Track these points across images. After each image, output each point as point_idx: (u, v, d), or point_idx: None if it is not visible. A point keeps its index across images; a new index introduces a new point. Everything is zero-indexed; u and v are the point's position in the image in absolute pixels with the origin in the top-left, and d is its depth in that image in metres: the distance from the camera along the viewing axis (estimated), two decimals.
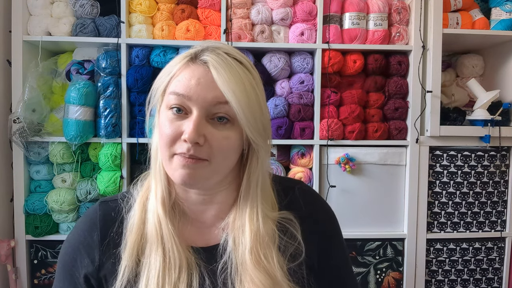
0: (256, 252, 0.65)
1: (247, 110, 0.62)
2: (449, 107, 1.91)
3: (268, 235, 0.66)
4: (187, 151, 0.61)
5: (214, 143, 0.62)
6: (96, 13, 1.70)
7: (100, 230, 0.69)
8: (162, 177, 0.68)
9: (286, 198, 0.74)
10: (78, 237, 0.71)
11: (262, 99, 0.66)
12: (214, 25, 1.73)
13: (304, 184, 0.80)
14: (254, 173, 0.68)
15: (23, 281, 1.68)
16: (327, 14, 1.74)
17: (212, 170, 0.64)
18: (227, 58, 0.63)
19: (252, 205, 0.68)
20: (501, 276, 1.86)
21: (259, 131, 0.65)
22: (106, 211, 0.72)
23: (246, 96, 0.62)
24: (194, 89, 0.61)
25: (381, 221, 1.80)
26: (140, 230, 0.68)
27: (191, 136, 0.60)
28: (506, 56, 1.90)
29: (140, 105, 1.71)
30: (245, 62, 0.66)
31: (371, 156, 1.77)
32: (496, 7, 1.85)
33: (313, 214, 0.74)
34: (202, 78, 0.62)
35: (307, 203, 0.75)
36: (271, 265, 0.65)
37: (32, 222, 1.66)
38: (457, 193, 1.81)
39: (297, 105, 1.74)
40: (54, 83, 1.75)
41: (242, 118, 0.62)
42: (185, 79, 0.62)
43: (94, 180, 1.69)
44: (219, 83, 0.61)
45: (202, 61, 0.63)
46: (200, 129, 0.61)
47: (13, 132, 1.60)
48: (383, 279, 1.80)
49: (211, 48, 0.65)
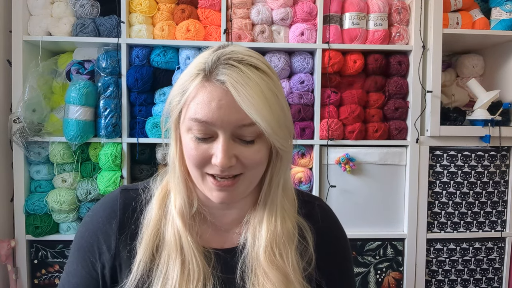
0: (271, 250, 0.65)
1: (274, 125, 0.59)
2: (449, 107, 1.91)
3: (285, 234, 0.66)
4: (221, 172, 0.60)
5: (247, 160, 0.61)
6: (96, 13, 1.70)
7: (120, 219, 0.69)
8: (181, 191, 0.67)
9: (305, 210, 0.74)
10: (97, 223, 0.70)
11: (283, 100, 0.63)
12: (214, 25, 1.73)
13: (323, 202, 0.80)
14: (276, 175, 0.67)
15: (23, 281, 1.68)
16: (327, 14, 1.74)
17: (248, 183, 0.64)
18: (243, 70, 0.59)
19: (272, 205, 0.68)
20: (501, 276, 1.86)
21: (286, 137, 0.63)
22: (127, 199, 0.71)
23: (270, 110, 0.58)
24: (217, 113, 0.58)
25: (381, 221, 1.80)
26: (157, 227, 0.67)
27: (222, 162, 0.58)
28: (506, 56, 1.90)
29: (140, 105, 1.71)
30: (261, 65, 0.61)
31: (371, 156, 1.77)
32: (496, 7, 1.85)
33: (329, 231, 0.75)
34: (222, 100, 0.58)
35: (325, 219, 0.75)
36: (285, 264, 0.65)
37: (32, 222, 1.66)
38: (457, 193, 1.81)
39: (297, 105, 1.74)
40: (54, 83, 1.75)
41: (270, 134, 0.59)
42: (205, 103, 0.58)
43: (94, 180, 1.70)
44: (242, 105, 0.57)
45: (220, 81, 0.58)
46: (230, 152, 0.59)
47: (13, 132, 1.60)
48: (383, 279, 1.80)
49: (223, 60, 0.59)
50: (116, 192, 0.72)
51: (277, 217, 0.67)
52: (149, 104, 1.73)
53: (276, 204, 0.67)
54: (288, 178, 0.70)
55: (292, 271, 0.65)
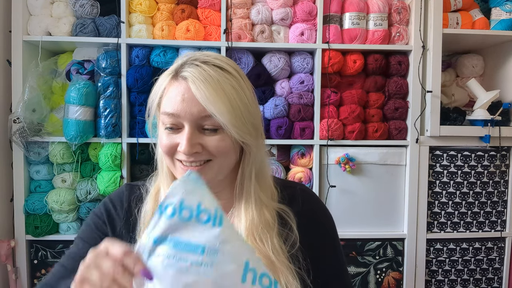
0: (252, 237, 0.70)
1: (231, 118, 0.65)
2: (449, 107, 1.91)
3: (262, 222, 0.71)
4: (187, 158, 0.67)
5: (211, 148, 0.67)
6: (96, 13, 1.70)
7: (126, 209, 0.77)
8: (168, 181, 0.74)
9: (287, 195, 0.78)
10: (105, 210, 0.77)
11: (249, 99, 0.69)
12: (214, 25, 1.73)
13: (305, 186, 0.85)
14: (247, 167, 0.73)
15: (23, 281, 1.68)
16: (327, 14, 1.74)
17: (216, 169, 0.70)
18: (205, 68, 0.66)
19: (248, 196, 0.72)
20: (501, 276, 1.86)
21: (249, 132, 0.69)
22: (131, 193, 0.79)
23: (229, 104, 0.65)
24: (181, 106, 0.65)
25: (381, 221, 1.80)
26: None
27: (186, 150, 0.65)
28: (506, 56, 1.90)
29: (140, 105, 1.71)
30: (226, 66, 0.68)
31: (371, 156, 1.77)
32: (496, 7, 1.85)
33: (311, 212, 0.79)
34: (185, 94, 0.65)
35: (307, 202, 0.80)
36: (265, 247, 0.69)
37: (32, 222, 1.66)
38: (457, 193, 1.81)
39: (297, 105, 1.74)
40: (54, 83, 1.74)
41: (227, 127, 0.65)
42: (172, 97, 0.67)
43: (94, 180, 1.69)
44: (199, 99, 0.64)
45: (183, 77, 0.66)
46: (194, 141, 0.66)
47: (13, 132, 1.60)
48: (383, 279, 1.80)
49: (189, 61, 0.68)
50: (122, 187, 0.82)
51: (254, 207, 0.72)
52: None
53: (251, 195, 0.72)
54: (263, 169, 0.75)
55: (274, 254, 0.69)
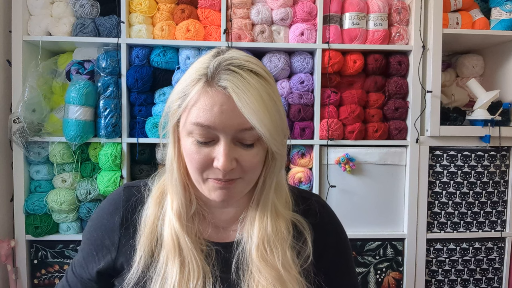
0: (263, 247, 0.68)
1: (271, 129, 0.61)
2: (449, 107, 1.91)
3: (275, 233, 0.69)
4: (223, 176, 0.63)
5: (246, 164, 0.63)
6: (96, 13, 1.70)
7: (122, 214, 0.73)
8: (179, 192, 0.69)
9: (302, 206, 0.76)
10: (102, 219, 0.74)
11: (280, 104, 0.65)
12: (214, 25, 1.73)
13: (320, 198, 0.82)
14: (270, 177, 0.69)
15: (23, 281, 1.68)
16: (327, 14, 1.74)
17: (245, 185, 0.67)
18: (244, 76, 0.60)
19: (264, 205, 0.70)
20: (501, 276, 1.86)
21: (282, 142, 0.66)
22: (129, 196, 0.74)
23: (269, 115, 0.60)
24: (219, 118, 0.60)
25: (381, 221, 1.80)
26: (154, 225, 0.70)
27: (224, 165, 0.60)
28: (506, 56, 1.90)
29: (140, 105, 1.71)
30: (260, 70, 0.63)
31: (371, 156, 1.77)
32: (496, 7, 1.85)
33: (328, 226, 0.78)
34: (224, 105, 0.60)
35: (322, 214, 0.77)
36: (275, 260, 0.67)
37: (32, 222, 1.66)
38: (457, 193, 1.81)
39: (297, 105, 1.74)
40: (54, 83, 1.75)
41: (268, 139, 0.61)
42: (207, 108, 0.60)
43: (94, 180, 1.69)
44: (243, 110, 0.59)
45: (221, 87, 0.60)
46: (231, 155, 0.61)
47: (13, 132, 1.60)
48: (383, 279, 1.80)
49: (224, 66, 0.61)
50: (120, 189, 0.77)
51: (269, 217, 0.69)
52: (149, 104, 1.73)
53: (268, 204, 0.70)
54: (281, 179, 0.73)
55: (284, 267, 0.67)
